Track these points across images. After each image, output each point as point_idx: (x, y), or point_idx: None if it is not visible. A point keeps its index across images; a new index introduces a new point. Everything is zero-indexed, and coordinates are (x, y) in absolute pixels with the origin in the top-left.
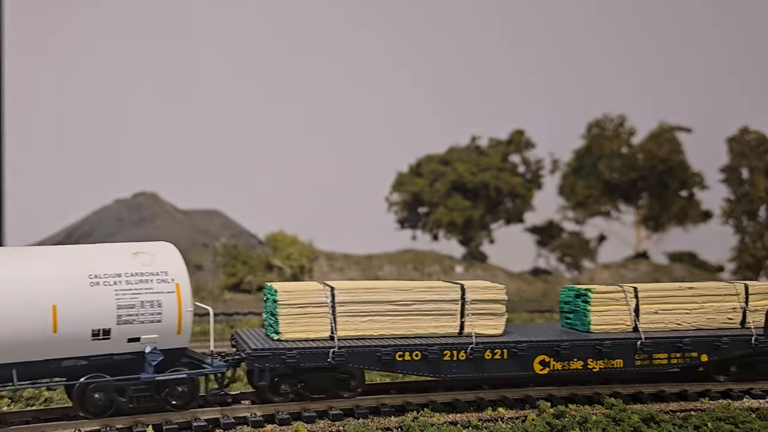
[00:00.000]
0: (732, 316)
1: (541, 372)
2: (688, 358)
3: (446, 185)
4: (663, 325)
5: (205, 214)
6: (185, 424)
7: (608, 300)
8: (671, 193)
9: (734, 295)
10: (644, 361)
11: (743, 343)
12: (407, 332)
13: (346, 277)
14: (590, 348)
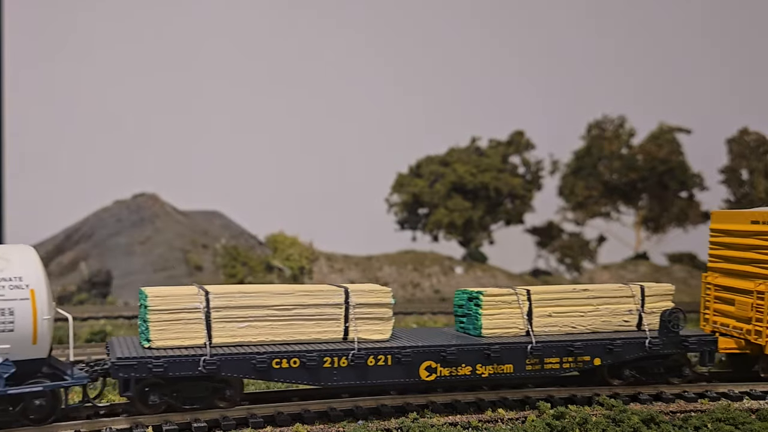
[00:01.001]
0: (628, 319)
1: (428, 378)
2: (581, 362)
3: (446, 186)
4: (557, 329)
5: (205, 215)
6: (185, 425)
7: (500, 303)
8: (671, 194)
9: (630, 297)
10: (535, 365)
11: (637, 347)
12: (288, 338)
13: (346, 278)
14: (479, 353)
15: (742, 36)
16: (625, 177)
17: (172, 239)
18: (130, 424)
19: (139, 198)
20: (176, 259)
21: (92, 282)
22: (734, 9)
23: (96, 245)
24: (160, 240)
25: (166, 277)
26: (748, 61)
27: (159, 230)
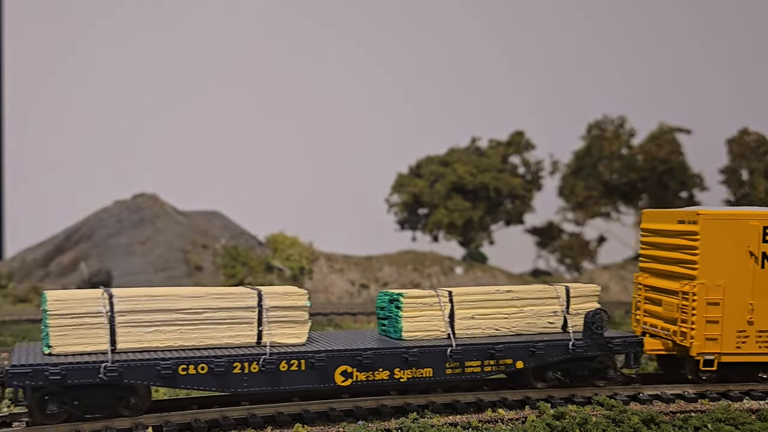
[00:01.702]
0: (553, 320)
1: (344, 384)
2: (503, 365)
3: (446, 186)
4: (480, 331)
5: (205, 215)
6: (185, 425)
7: (421, 305)
8: (671, 194)
9: (555, 298)
10: (456, 369)
11: (560, 349)
12: (199, 343)
13: (346, 278)
14: (397, 357)
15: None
16: (625, 177)
17: (172, 239)
18: (131, 424)
19: (139, 198)
20: (176, 260)
21: (92, 282)
22: (734, 9)
23: (96, 245)
24: (160, 240)
25: (167, 277)
26: (749, 61)
27: (159, 230)
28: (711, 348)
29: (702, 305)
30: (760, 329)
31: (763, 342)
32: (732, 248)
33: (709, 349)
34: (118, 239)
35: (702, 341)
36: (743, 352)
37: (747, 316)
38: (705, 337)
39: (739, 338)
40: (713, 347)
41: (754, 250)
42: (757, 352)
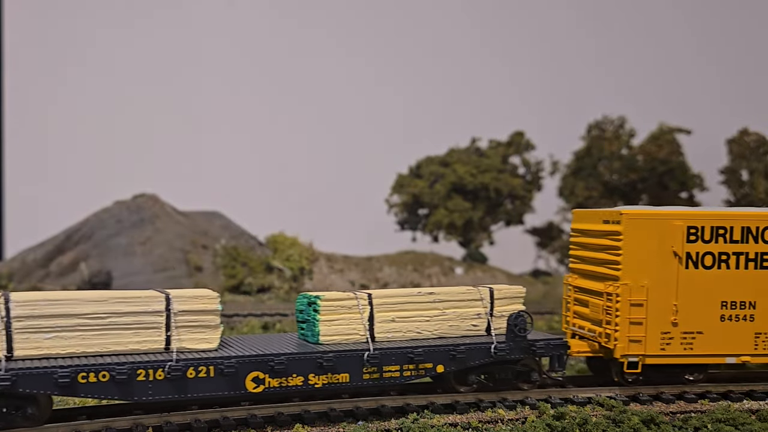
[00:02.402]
0: (477, 323)
1: (255, 390)
2: (423, 369)
3: (446, 187)
4: (401, 334)
5: (205, 215)
6: (185, 425)
7: (339, 308)
8: (671, 194)
9: (478, 300)
10: (374, 374)
11: (482, 352)
12: (102, 350)
13: (346, 279)
14: (311, 362)
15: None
16: (625, 177)
17: (172, 240)
18: (131, 424)
19: (139, 198)
20: (176, 260)
21: (92, 282)
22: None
23: (96, 246)
24: (160, 240)
25: (167, 277)
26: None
27: (159, 231)
28: (635, 350)
29: (625, 306)
30: (684, 330)
31: (687, 343)
32: (656, 248)
33: (633, 351)
34: (118, 239)
35: (626, 343)
36: (668, 353)
37: (671, 318)
38: (629, 338)
39: (664, 340)
40: (637, 349)
41: (678, 251)
42: (681, 353)
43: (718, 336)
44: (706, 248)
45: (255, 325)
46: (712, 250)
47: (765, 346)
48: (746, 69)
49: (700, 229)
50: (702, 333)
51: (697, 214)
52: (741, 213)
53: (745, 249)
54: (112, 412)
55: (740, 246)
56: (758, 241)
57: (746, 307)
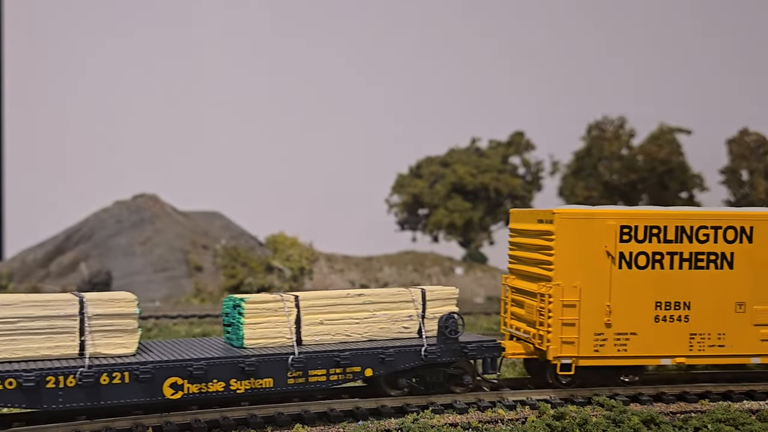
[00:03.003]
0: (408, 325)
1: (173, 397)
2: (351, 373)
3: (446, 187)
4: (330, 337)
5: (205, 215)
6: (185, 425)
7: (264, 311)
8: (671, 194)
9: (410, 302)
10: (299, 378)
11: (412, 355)
12: (12, 356)
13: (346, 279)
14: (232, 367)
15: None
16: (625, 178)
17: (172, 240)
18: (131, 424)
19: (139, 199)
20: (176, 260)
21: (92, 283)
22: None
23: (96, 246)
24: (160, 241)
25: (167, 277)
26: (749, 61)
27: (159, 231)
28: (568, 351)
29: (558, 307)
30: (618, 332)
31: (621, 345)
32: (589, 248)
33: (565, 352)
34: (118, 240)
35: (558, 345)
36: (601, 355)
37: (605, 319)
38: (561, 340)
39: (597, 341)
40: (570, 351)
41: (611, 251)
42: (615, 355)
43: (652, 337)
44: (640, 248)
45: None
46: (645, 249)
47: (700, 347)
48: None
49: (633, 228)
50: (636, 334)
51: (630, 213)
52: (675, 212)
53: (680, 249)
54: (112, 413)
55: (674, 246)
56: (692, 241)
57: (681, 308)
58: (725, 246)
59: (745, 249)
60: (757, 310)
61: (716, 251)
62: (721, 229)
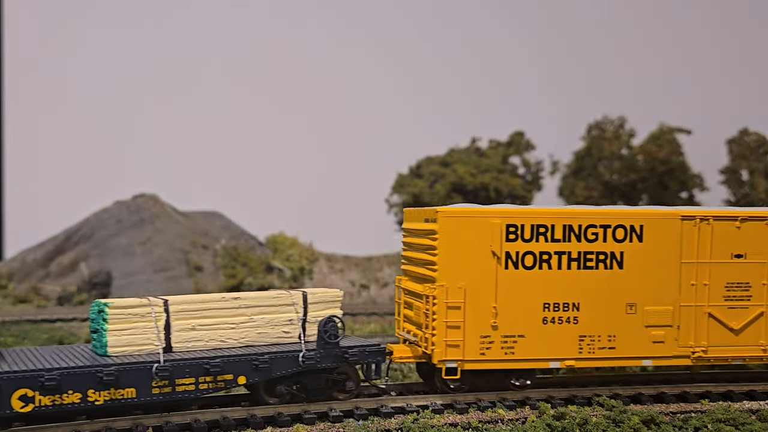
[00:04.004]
0: (289, 330)
1: (23, 410)
2: (222, 381)
3: (446, 187)
4: (203, 344)
5: (205, 215)
6: (185, 425)
7: (130, 316)
8: (671, 194)
9: (290, 305)
10: (165, 388)
11: (289, 361)
12: None
13: (346, 278)
14: (90, 376)
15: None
16: (625, 177)
17: (172, 240)
18: (131, 424)
19: (139, 199)
20: (176, 260)
21: (92, 283)
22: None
23: (96, 246)
24: (160, 241)
25: (167, 277)
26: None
27: (159, 231)
28: (453, 355)
29: (442, 309)
30: (505, 334)
31: (508, 348)
32: (474, 248)
33: (450, 356)
34: (118, 240)
35: (443, 348)
36: (488, 358)
37: (491, 321)
38: (446, 343)
39: (483, 344)
40: (455, 354)
41: (497, 250)
42: (502, 358)
43: (540, 339)
44: (527, 247)
45: None
46: (532, 249)
47: (590, 349)
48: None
49: (519, 227)
50: (524, 336)
51: (516, 212)
52: (562, 210)
53: (568, 248)
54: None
55: (562, 245)
56: (581, 240)
57: (570, 309)
58: (615, 245)
59: (635, 248)
60: (648, 311)
61: (606, 251)
62: (610, 228)
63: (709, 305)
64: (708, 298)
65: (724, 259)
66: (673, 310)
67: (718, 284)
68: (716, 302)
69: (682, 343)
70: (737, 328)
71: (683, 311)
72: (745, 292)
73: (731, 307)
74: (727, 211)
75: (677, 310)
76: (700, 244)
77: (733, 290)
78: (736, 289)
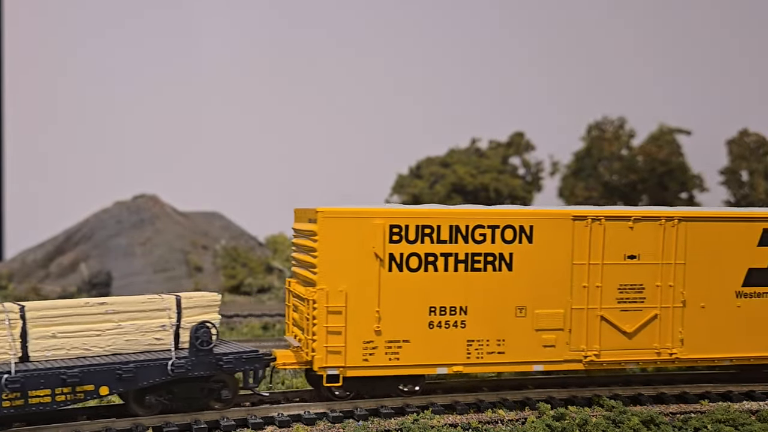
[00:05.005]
0: (161, 336)
1: None
2: (82, 392)
3: (446, 187)
4: (65, 352)
5: (205, 216)
6: (185, 426)
7: None
8: (671, 195)
9: (162, 310)
10: (16, 401)
11: (157, 370)
12: None
13: None
14: None
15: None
16: (625, 178)
17: (172, 240)
18: (131, 424)
19: (139, 199)
20: (176, 260)
21: (92, 283)
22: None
23: (96, 246)
24: (160, 241)
25: (167, 278)
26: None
27: (159, 231)
28: (334, 361)
29: (323, 314)
30: (389, 339)
31: (393, 353)
32: (356, 250)
33: (332, 362)
34: (118, 240)
35: (324, 354)
36: (372, 365)
37: (374, 325)
38: (327, 349)
39: (366, 350)
40: (337, 361)
41: (380, 252)
42: (387, 364)
43: (427, 344)
44: (411, 249)
45: (255, 326)
46: (417, 251)
47: (479, 354)
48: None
49: (404, 228)
50: (409, 342)
51: (399, 212)
52: (448, 210)
53: (454, 249)
54: (112, 413)
55: (449, 246)
56: (468, 241)
57: (457, 313)
58: (503, 246)
59: (524, 249)
60: (538, 314)
61: (494, 252)
62: (498, 228)
63: (601, 308)
64: (600, 301)
65: (616, 260)
66: (565, 313)
67: (610, 286)
68: (609, 305)
69: (573, 347)
70: (631, 331)
71: (575, 314)
72: (638, 294)
73: (624, 309)
74: (619, 210)
75: (569, 313)
76: (592, 245)
77: (626, 292)
78: (630, 291)
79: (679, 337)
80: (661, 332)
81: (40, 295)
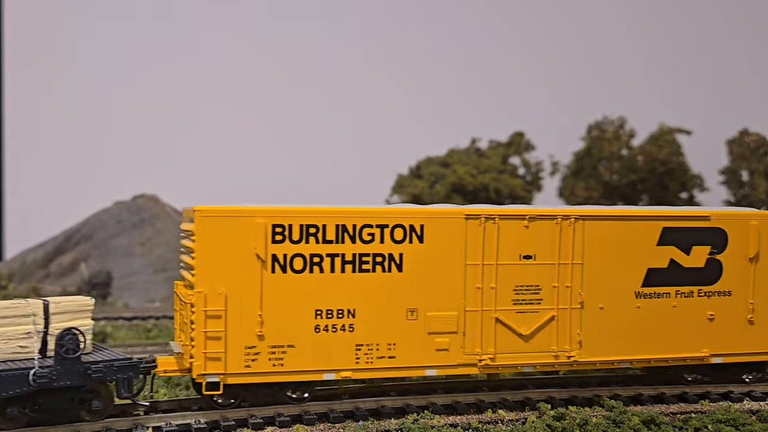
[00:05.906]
0: (26, 344)
1: None
2: None
3: (446, 187)
4: None
5: None
6: (185, 426)
7: None
8: (671, 195)
9: (27, 316)
10: None
11: (16, 381)
12: None
13: None
14: None
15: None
16: (625, 178)
17: (172, 240)
18: (131, 424)
19: (139, 199)
20: (176, 261)
21: (92, 283)
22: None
23: (96, 246)
24: (160, 241)
25: (167, 278)
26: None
27: (159, 231)
28: (214, 368)
29: (201, 318)
30: (272, 344)
31: (277, 359)
32: (236, 250)
33: (211, 369)
34: (118, 240)
35: (202, 361)
36: (254, 371)
37: (256, 330)
38: (206, 356)
39: (249, 356)
40: (216, 367)
41: (261, 253)
42: (271, 371)
43: (313, 349)
44: (296, 249)
45: None
46: (302, 251)
47: (368, 359)
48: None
49: (287, 227)
50: (294, 347)
51: (282, 211)
52: (334, 210)
53: (342, 250)
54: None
55: (335, 246)
56: (356, 241)
57: (344, 316)
58: (393, 246)
59: (415, 250)
60: (430, 317)
61: (383, 252)
62: (387, 227)
63: (496, 310)
64: (495, 303)
65: (511, 260)
66: (458, 315)
67: (505, 287)
68: (504, 306)
69: (468, 351)
70: (527, 334)
71: (469, 316)
72: (535, 296)
73: (520, 311)
74: (514, 209)
75: (462, 315)
76: (486, 245)
77: (522, 293)
78: (526, 293)
79: (577, 339)
80: (558, 334)
81: (40, 295)
